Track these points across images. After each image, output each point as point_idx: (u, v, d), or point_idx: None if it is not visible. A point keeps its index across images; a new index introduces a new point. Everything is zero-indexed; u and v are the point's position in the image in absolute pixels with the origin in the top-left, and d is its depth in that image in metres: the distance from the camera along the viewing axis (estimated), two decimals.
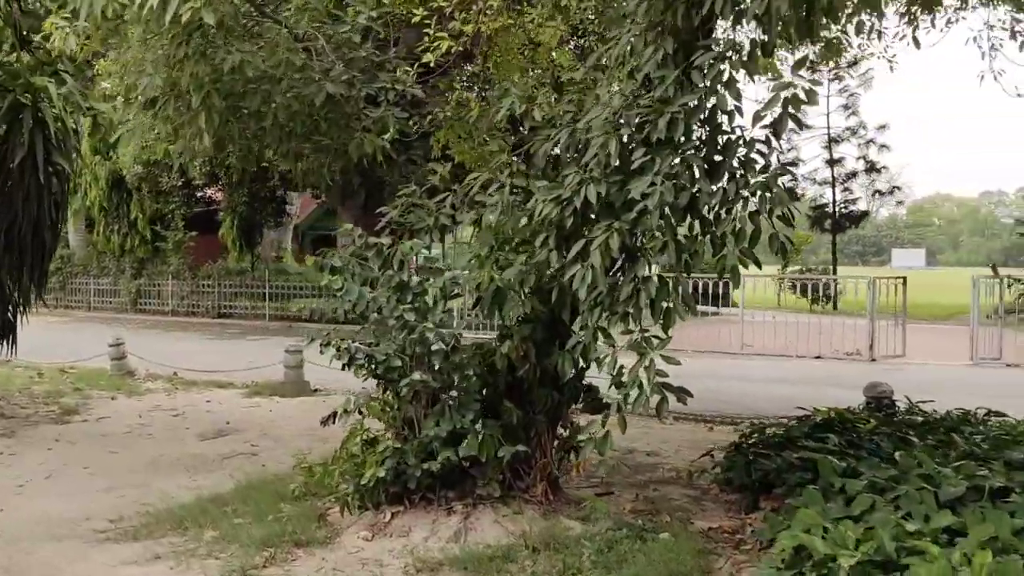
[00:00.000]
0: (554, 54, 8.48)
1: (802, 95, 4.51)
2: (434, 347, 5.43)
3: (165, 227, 25.00)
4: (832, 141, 28.58)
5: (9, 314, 10.07)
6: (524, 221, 5.54)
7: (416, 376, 5.38)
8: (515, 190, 5.63)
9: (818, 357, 16.03)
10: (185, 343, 18.95)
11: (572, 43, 11.00)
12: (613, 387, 6.01)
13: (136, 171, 20.86)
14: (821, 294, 25.13)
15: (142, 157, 19.00)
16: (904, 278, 17.11)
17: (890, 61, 10.69)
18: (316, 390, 11.95)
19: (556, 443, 6.17)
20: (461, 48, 7.20)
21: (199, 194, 21.82)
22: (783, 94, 4.54)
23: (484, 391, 5.87)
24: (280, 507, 6.35)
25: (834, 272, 28.44)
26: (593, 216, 5.18)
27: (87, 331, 21.34)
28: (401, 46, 7.49)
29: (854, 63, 24.86)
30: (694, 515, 6.33)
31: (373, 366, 5.67)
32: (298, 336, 20.79)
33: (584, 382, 6.20)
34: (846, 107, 28.18)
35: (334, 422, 6.18)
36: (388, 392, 6.18)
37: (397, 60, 6.96)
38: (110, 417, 10.07)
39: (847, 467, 5.86)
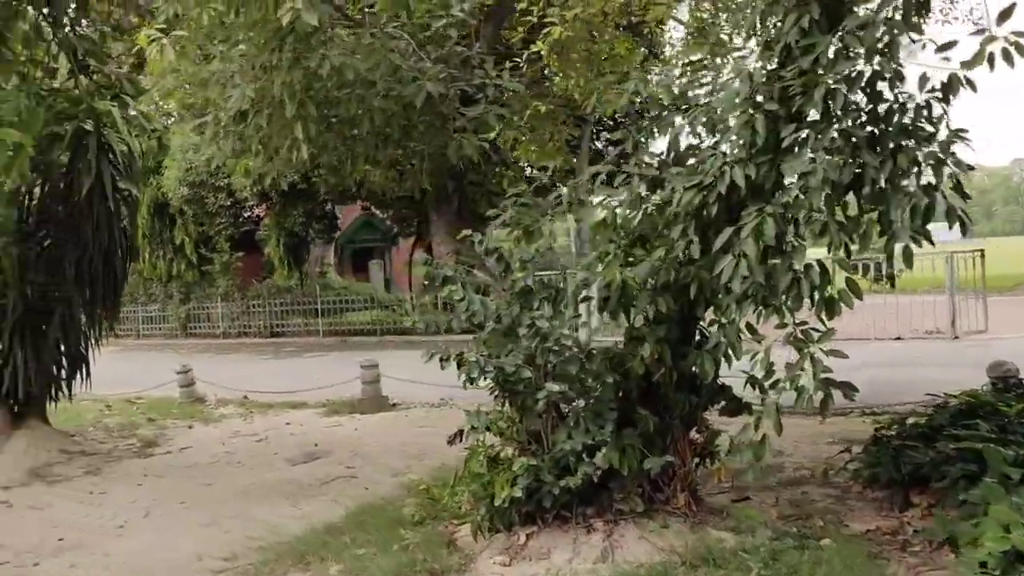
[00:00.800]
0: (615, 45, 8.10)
1: (1013, 49, 4.05)
2: (569, 354, 5.03)
3: (209, 249, 24.87)
4: None
5: (81, 347, 9.83)
6: (651, 212, 5.17)
7: (554, 387, 4.97)
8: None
9: (898, 338, 15.46)
10: (243, 365, 18.71)
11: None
12: (750, 386, 5.68)
13: (181, 193, 20.67)
14: (882, 273, 24.43)
15: (187, 179, 18.83)
16: (982, 251, 16.45)
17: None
18: (394, 404, 11.61)
19: (692, 450, 5.77)
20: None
21: (246, 214, 21.57)
22: (989, 48, 4.08)
23: (616, 399, 5.47)
24: (401, 533, 5.98)
25: None
26: (739, 202, 4.77)
27: (140, 359, 21.24)
28: (482, 41, 7.12)
29: None
30: (844, 516, 5.87)
31: (501, 379, 5.27)
32: (354, 351, 20.71)
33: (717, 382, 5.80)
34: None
35: (461, 441, 5.80)
36: (510, 405, 5.80)
37: (482, 54, 6.59)
38: (192, 447, 9.78)
39: (1017, 456, 5.38)
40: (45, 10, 8.49)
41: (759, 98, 4.74)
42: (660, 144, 6.50)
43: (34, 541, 6.63)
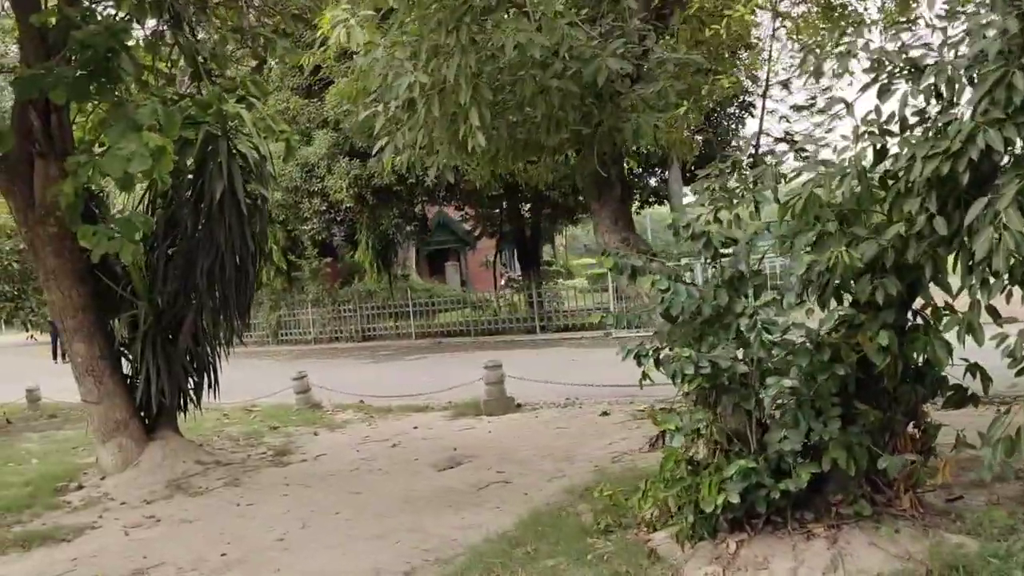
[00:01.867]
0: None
1: None
2: (798, 346, 4.57)
3: (296, 255, 24.91)
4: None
5: (209, 355, 9.69)
6: (872, 186, 4.69)
7: (787, 382, 4.52)
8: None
9: None
10: (344, 370, 18.56)
11: None
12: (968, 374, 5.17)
13: (275, 199, 20.66)
14: None
15: (281, 183, 18.76)
16: None
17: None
18: (519, 405, 11.25)
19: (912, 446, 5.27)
20: None
21: (339, 217, 21.48)
22: None
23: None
24: (590, 543, 5.61)
25: None
26: (991, 169, 4.27)
27: (240, 367, 21.20)
28: (633, 14, 6.68)
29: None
30: None
31: (712, 375, 4.83)
32: (450, 352, 20.55)
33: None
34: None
35: (663, 444, 5.38)
36: (707, 403, 5.36)
37: (641, 30, 6.16)
38: (327, 454, 9.55)
39: None
40: (166, 16, 8.33)
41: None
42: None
43: (193, 557, 6.42)
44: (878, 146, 4.64)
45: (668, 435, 5.17)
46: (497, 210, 24.40)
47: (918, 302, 4.98)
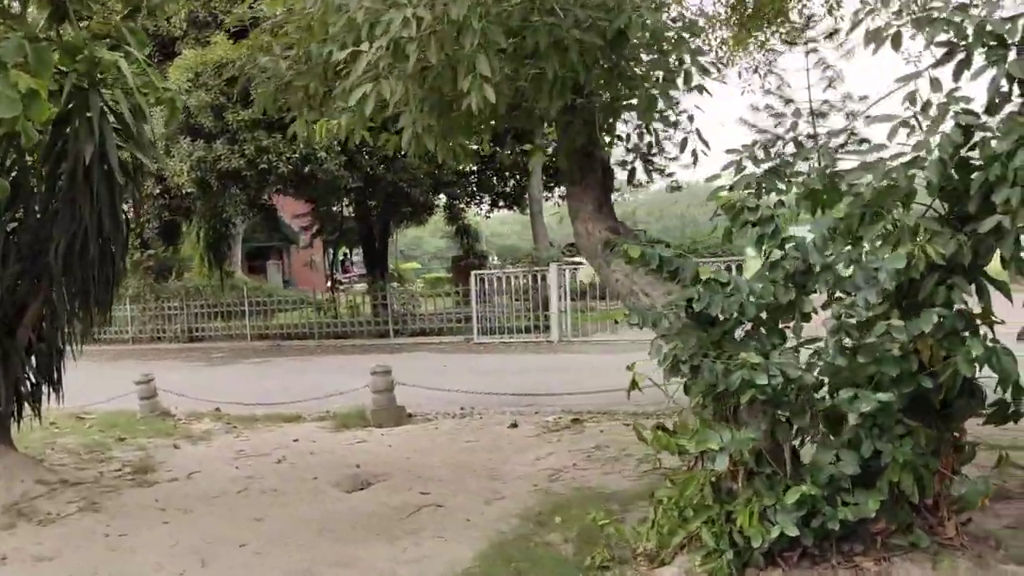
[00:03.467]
0: None
1: None
2: (883, 353, 3.90)
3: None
4: (815, 115, 27.88)
5: (56, 353, 8.09)
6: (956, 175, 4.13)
7: (882, 397, 3.83)
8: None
9: None
10: (178, 373, 16.71)
11: None
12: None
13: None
14: None
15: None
16: None
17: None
18: (411, 415, 10.21)
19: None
20: None
21: (176, 203, 19.43)
22: None
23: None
24: None
25: None
26: None
27: None
28: None
29: (832, 34, 24.16)
30: None
31: (773, 386, 4.10)
32: (293, 356, 19.04)
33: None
34: (829, 79, 27.49)
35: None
36: (729, 419, 4.64)
37: None
38: (200, 471, 8.15)
39: None
40: None
41: None
42: None
43: None
44: (963, 126, 4.05)
45: (706, 456, 4.38)
46: (345, 205, 22.94)
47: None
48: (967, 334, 4.22)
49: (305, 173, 16.70)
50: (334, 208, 24.93)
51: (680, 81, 4.94)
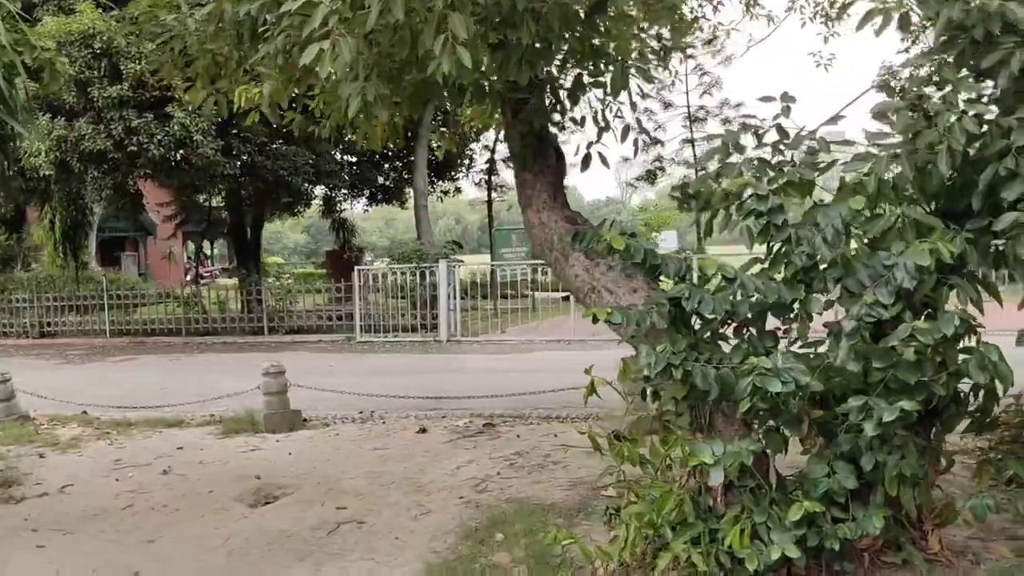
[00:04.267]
0: None
1: None
2: (901, 359, 3.58)
3: None
4: (692, 120, 28.34)
5: None
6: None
7: (905, 405, 3.49)
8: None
9: None
10: (32, 372, 15.22)
11: None
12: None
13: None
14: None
15: None
16: None
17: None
18: (306, 420, 9.46)
19: None
20: None
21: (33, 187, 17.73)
22: None
23: None
24: None
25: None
26: None
27: None
28: None
29: (711, 40, 24.60)
30: None
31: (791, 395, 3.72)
32: (159, 353, 17.74)
33: None
34: (707, 84, 27.99)
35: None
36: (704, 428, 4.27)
37: None
38: (73, 484, 7.21)
39: None
40: None
41: None
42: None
43: None
44: (979, 116, 3.79)
45: (696, 471, 3.98)
46: (213, 194, 21.59)
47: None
48: (966, 339, 3.97)
49: (178, 158, 15.52)
50: (202, 197, 23.58)
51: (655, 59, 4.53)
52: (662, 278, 4.38)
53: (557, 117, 5.16)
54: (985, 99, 3.92)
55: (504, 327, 18.17)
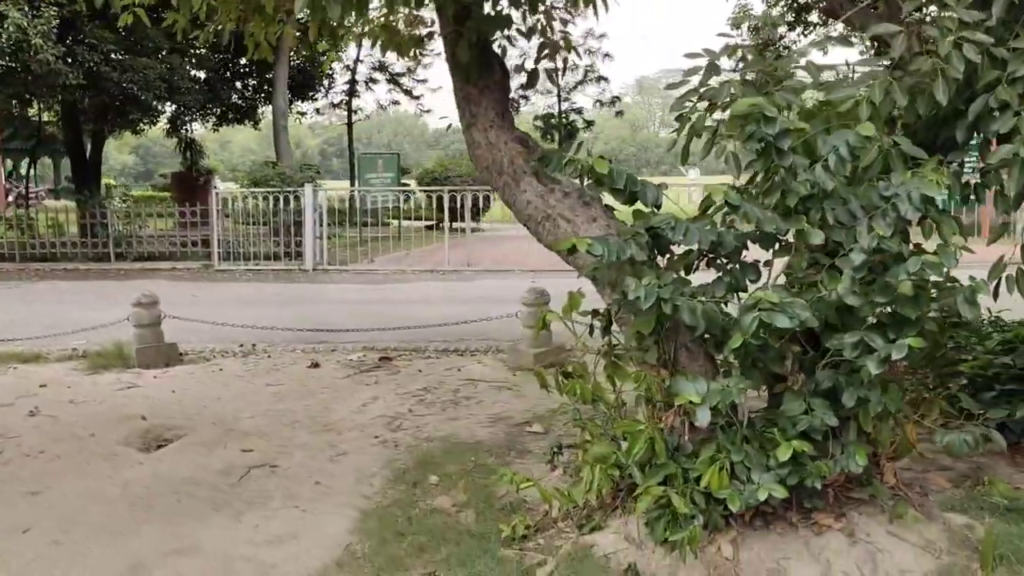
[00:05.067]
0: None
1: None
2: (899, 293, 3.44)
3: None
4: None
5: None
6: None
7: (911, 342, 3.36)
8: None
9: None
10: None
11: None
12: None
13: None
14: None
15: None
16: None
17: None
18: (183, 354, 8.76)
19: None
20: None
21: None
22: None
23: None
24: (507, 555, 4.04)
25: None
26: None
27: None
28: None
29: None
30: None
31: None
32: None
33: None
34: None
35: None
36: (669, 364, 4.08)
37: None
38: None
39: None
40: None
41: None
42: None
43: None
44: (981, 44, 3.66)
45: (686, 411, 3.76)
46: (44, 108, 19.67)
47: None
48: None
49: (13, 64, 13.90)
50: (30, 111, 21.54)
51: None
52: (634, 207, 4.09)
53: (507, 28, 4.74)
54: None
55: (371, 256, 17.58)
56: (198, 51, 18.60)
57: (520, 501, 4.61)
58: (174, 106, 19.70)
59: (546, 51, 5.36)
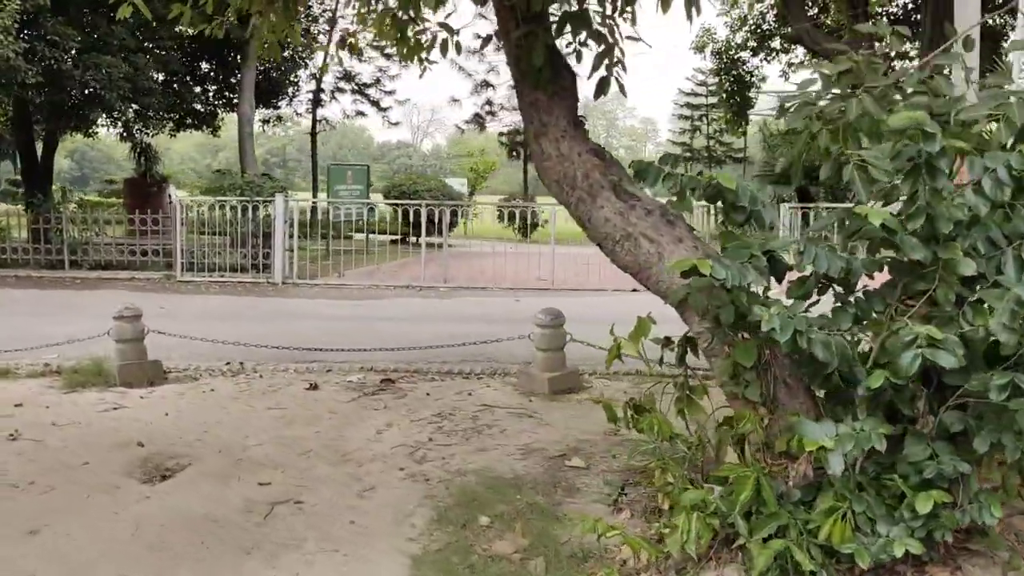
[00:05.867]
0: None
1: None
2: None
3: None
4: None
5: None
6: None
7: None
8: None
9: (635, 290, 15.12)
10: None
11: None
12: None
13: None
14: (528, 223, 24.42)
15: None
16: None
17: None
18: (168, 372, 8.16)
19: None
20: None
21: None
22: None
23: None
24: None
25: (523, 200, 27.92)
26: None
27: None
28: None
29: None
30: None
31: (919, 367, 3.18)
32: None
33: None
34: None
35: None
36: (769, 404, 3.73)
37: None
38: None
39: None
40: None
41: None
42: None
43: None
44: None
45: (822, 457, 3.38)
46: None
47: None
48: None
49: None
50: None
51: None
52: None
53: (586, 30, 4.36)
54: None
55: (340, 270, 17.00)
56: (163, 53, 17.86)
57: (590, 548, 4.19)
58: (136, 108, 18.84)
59: (606, 57, 4.98)
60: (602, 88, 4.52)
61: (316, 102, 25.24)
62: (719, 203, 3.56)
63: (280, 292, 15.21)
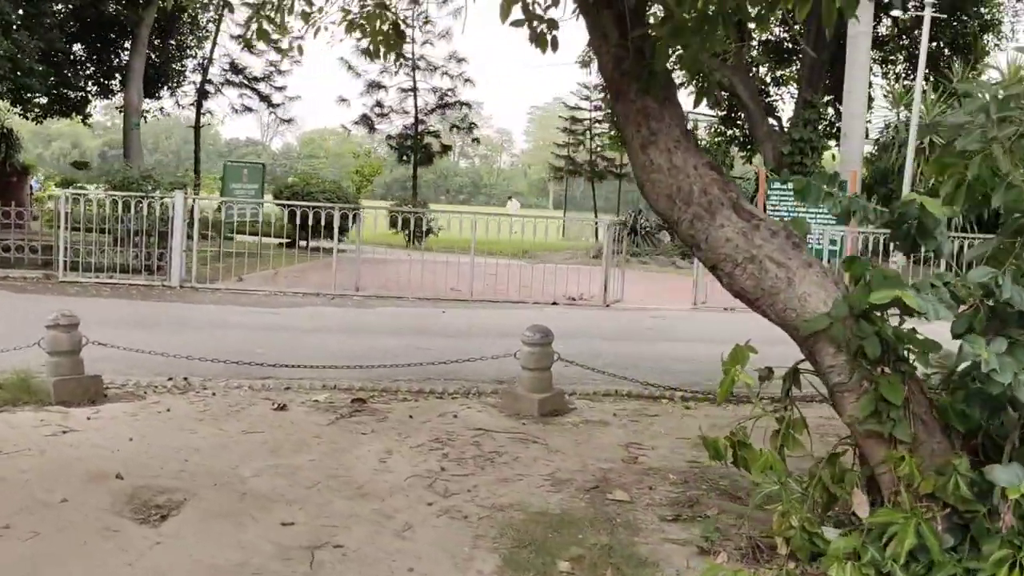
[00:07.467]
0: None
1: None
2: None
3: None
4: (415, 68, 27.11)
5: None
6: None
7: None
8: None
9: (554, 303, 14.87)
10: None
11: None
12: None
13: None
14: (423, 229, 23.86)
15: None
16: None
17: None
18: (107, 388, 7.27)
19: None
20: None
21: None
22: None
23: None
24: None
25: (414, 206, 27.24)
26: None
27: None
28: None
29: None
30: None
31: None
32: None
33: None
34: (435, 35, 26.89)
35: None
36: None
37: None
38: None
39: None
40: None
41: None
42: None
43: None
44: None
45: (1008, 501, 3.15)
46: None
47: None
48: None
49: None
50: None
51: None
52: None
53: None
54: None
55: (237, 274, 15.97)
56: (44, 31, 16.34)
57: None
58: (11, 88, 17.10)
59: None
60: (701, 98, 4.19)
61: (202, 94, 23.83)
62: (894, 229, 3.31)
63: (181, 296, 14.11)
